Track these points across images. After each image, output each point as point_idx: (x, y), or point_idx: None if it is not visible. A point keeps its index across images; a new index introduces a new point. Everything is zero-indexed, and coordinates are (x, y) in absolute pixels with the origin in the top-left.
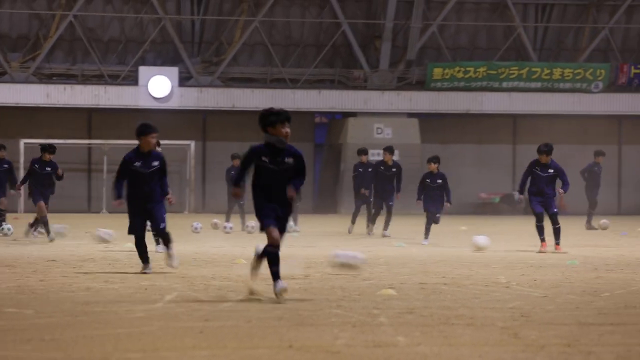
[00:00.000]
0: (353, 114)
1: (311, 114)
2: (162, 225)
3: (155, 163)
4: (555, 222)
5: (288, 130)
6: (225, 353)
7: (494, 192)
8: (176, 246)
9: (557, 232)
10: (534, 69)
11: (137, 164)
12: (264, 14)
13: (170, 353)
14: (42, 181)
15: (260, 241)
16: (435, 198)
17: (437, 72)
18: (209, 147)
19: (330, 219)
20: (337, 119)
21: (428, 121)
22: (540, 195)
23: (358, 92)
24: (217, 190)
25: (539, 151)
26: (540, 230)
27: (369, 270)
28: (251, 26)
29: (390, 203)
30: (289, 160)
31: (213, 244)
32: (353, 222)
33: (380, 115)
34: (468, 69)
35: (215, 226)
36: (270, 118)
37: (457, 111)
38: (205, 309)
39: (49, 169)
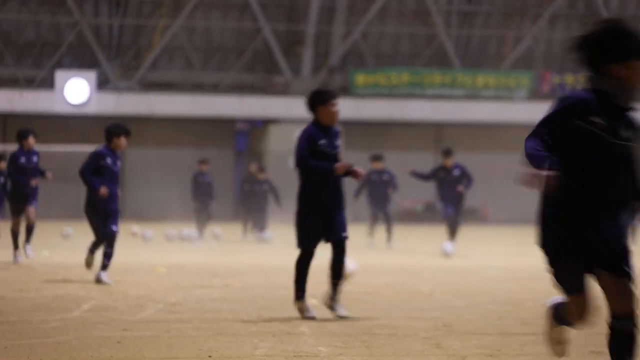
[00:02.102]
0: (275, 121)
1: (232, 121)
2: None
3: None
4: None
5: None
6: None
7: (417, 200)
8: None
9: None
10: (457, 77)
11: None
12: (184, 18)
13: None
14: None
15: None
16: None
17: (360, 78)
18: (128, 154)
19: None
20: (258, 126)
21: (351, 128)
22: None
23: (279, 98)
24: (136, 197)
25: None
26: None
27: (290, 279)
28: (171, 30)
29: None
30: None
31: (130, 251)
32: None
33: (302, 122)
34: (391, 75)
35: (135, 235)
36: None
37: (380, 119)
38: (123, 319)
39: None
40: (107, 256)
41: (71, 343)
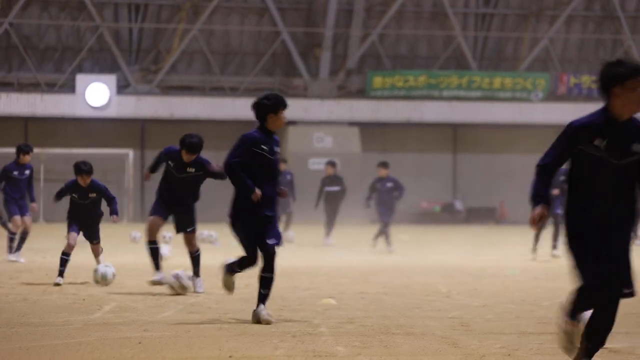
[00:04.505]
0: (293, 123)
1: (251, 123)
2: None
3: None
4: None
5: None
6: None
7: (435, 201)
8: (114, 256)
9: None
10: (474, 78)
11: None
12: (203, 22)
13: None
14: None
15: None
16: (386, 202)
17: (377, 80)
18: (148, 156)
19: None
20: None
21: (368, 130)
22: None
23: (298, 100)
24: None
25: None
26: None
27: (310, 280)
28: (190, 34)
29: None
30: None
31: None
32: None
33: (320, 124)
34: (408, 77)
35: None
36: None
37: (397, 120)
38: (143, 320)
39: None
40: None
41: (93, 344)
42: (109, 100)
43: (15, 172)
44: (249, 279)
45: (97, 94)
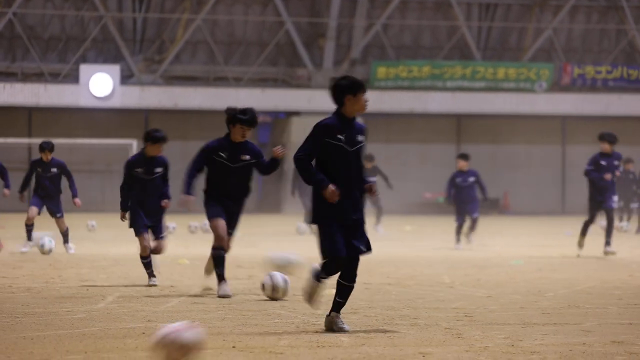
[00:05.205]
0: (297, 113)
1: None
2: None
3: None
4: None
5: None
6: None
7: (439, 192)
8: (115, 247)
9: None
10: (477, 69)
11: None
12: (207, 12)
13: (112, 354)
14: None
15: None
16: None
17: (381, 71)
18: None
19: (274, 218)
20: (281, 118)
21: (372, 120)
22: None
23: (302, 90)
24: None
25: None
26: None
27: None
28: (194, 24)
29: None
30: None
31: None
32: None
33: (324, 114)
34: (412, 68)
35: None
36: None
37: (401, 110)
38: (147, 310)
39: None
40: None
41: (97, 334)
42: (112, 91)
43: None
44: (251, 269)
45: (100, 84)
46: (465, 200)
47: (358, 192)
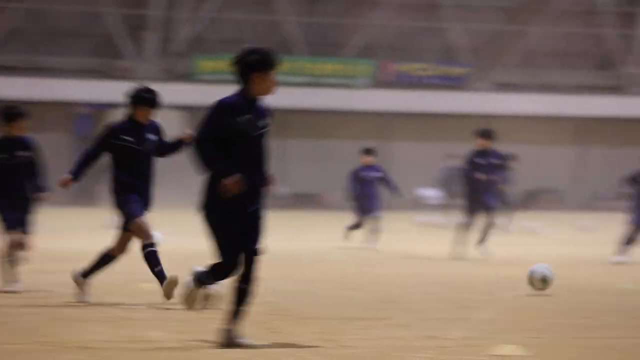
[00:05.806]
0: (118, 105)
1: (71, 105)
2: None
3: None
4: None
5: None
6: None
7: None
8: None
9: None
10: (300, 64)
11: None
12: (29, 0)
13: None
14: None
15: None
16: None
17: (204, 64)
18: None
19: (87, 211)
20: (102, 110)
21: (196, 114)
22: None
23: (123, 82)
24: None
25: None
26: None
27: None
28: (15, 14)
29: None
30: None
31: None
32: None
33: None
34: None
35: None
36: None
37: None
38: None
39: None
40: None
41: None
42: None
43: None
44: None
45: None
46: (367, 195)
47: (258, 182)
